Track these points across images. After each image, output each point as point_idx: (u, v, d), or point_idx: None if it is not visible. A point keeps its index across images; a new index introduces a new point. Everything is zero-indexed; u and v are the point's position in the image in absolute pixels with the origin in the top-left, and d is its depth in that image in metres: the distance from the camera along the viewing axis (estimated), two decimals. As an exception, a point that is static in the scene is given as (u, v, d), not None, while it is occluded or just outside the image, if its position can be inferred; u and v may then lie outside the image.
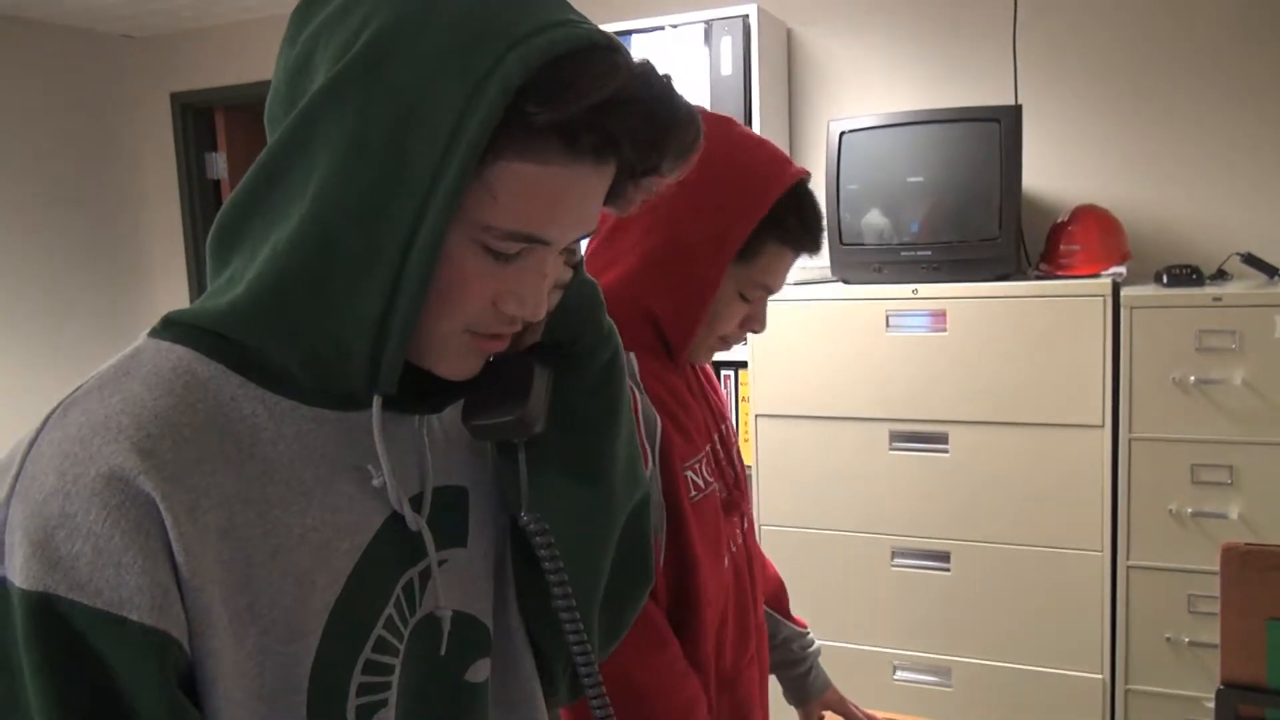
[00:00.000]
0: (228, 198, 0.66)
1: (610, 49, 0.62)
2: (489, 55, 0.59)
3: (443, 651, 0.72)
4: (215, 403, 0.63)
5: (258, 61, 3.87)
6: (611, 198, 0.70)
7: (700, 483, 1.18)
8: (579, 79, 0.59)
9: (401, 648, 0.70)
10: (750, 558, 1.31)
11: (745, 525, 1.32)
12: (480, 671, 0.77)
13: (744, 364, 2.66)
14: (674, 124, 0.64)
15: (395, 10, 0.61)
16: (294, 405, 0.66)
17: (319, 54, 0.63)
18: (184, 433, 0.61)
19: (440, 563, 0.73)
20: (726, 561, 1.22)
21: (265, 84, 0.70)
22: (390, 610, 0.69)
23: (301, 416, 0.66)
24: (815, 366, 2.52)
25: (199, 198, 4.14)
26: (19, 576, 0.56)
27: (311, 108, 0.61)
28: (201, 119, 4.13)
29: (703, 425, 1.23)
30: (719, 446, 1.27)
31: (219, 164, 4.14)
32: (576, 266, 0.76)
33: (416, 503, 0.71)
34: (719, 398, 1.34)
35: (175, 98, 4.10)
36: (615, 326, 0.80)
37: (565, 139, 0.61)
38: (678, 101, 0.65)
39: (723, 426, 1.30)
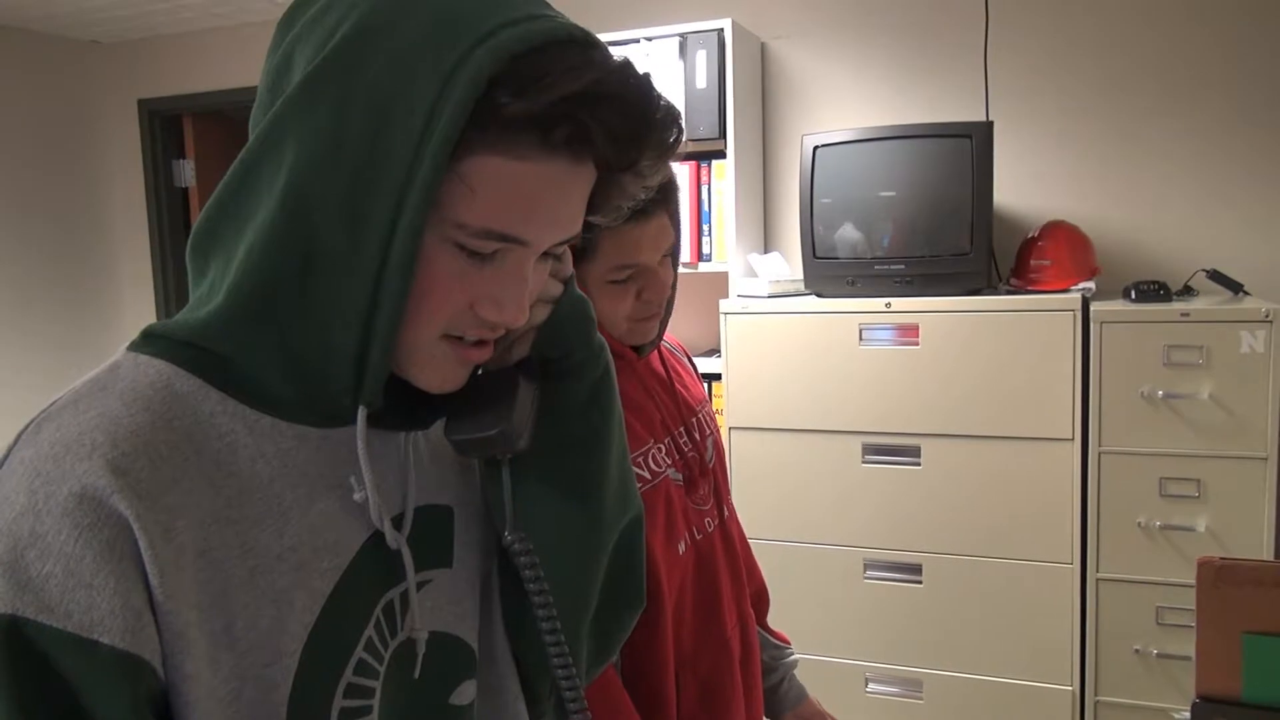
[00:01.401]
0: (204, 205, 0.65)
1: (586, 43, 0.61)
2: (460, 48, 0.58)
3: (417, 674, 0.71)
4: (193, 419, 0.62)
5: (226, 68, 3.83)
6: (595, 206, 0.69)
7: (646, 474, 1.19)
8: (552, 70, 0.59)
9: (382, 670, 0.68)
10: (726, 547, 1.32)
11: (725, 515, 1.33)
12: (465, 694, 0.75)
13: (718, 376, 2.66)
14: (651, 119, 0.63)
15: (369, 9, 0.60)
16: (274, 422, 0.64)
17: (297, 57, 0.62)
18: (160, 450, 0.59)
19: (423, 584, 0.72)
20: (683, 548, 1.23)
21: (234, 91, 0.69)
22: (370, 632, 0.67)
23: (282, 434, 0.65)
24: (788, 379, 2.52)
25: (166, 205, 4.09)
26: None
27: (284, 108, 0.61)
28: (169, 126, 4.09)
29: (656, 420, 1.24)
30: (684, 437, 1.28)
31: (187, 171, 4.10)
32: (566, 281, 0.75)
33: (399, 522, 0.70)
34: (690, 393, 1.35)
35: (143, 104, 4.05)
36: (606, 343, 0.79)
37: (539, 131, 0.60)
38: (655, 98, 0.63)
39: (693, 419, 1.31)
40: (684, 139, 0.67)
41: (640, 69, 0.63)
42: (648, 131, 0.63)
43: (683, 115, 0.67)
